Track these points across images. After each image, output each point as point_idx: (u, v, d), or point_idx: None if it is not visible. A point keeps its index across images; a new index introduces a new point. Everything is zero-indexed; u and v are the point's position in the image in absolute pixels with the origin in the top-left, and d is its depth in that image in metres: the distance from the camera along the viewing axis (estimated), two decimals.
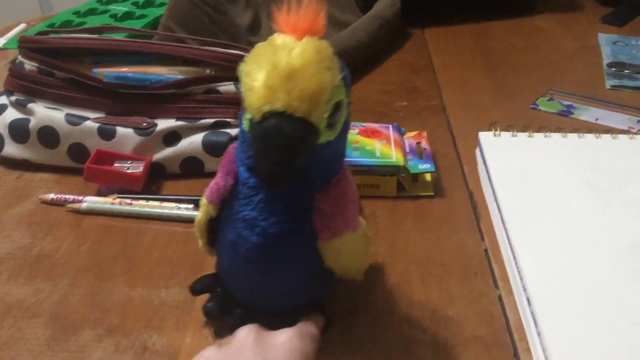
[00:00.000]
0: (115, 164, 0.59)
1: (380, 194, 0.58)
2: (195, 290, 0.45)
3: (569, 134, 0.63)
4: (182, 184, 0.61)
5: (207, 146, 0.60)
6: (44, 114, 0.60)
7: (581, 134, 0.63)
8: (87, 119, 0.60)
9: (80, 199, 0.57)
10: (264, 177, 0.34)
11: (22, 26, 0.97)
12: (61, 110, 0.61)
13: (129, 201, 0.57)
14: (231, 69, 0.57)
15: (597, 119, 0.71)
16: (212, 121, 0.61)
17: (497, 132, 0.63)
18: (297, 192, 0.37)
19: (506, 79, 0.82)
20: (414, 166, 0.59)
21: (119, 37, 0.71)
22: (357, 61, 0.82)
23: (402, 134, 0.63)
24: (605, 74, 0.83)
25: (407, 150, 0.61)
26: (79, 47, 0.62)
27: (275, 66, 0.32)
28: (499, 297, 0.47)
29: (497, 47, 0.92)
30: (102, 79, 0.61)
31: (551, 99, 0.76)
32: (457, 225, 0.55)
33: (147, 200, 0.57)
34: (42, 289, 0.48)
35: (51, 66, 0.61)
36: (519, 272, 0.47)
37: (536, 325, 0.42)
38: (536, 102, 0.75)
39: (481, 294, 0.48)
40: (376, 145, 0.59)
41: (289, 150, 0.33)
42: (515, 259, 0.48)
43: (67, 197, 0.58)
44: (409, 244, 0.53)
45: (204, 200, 0.41)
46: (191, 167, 0.61)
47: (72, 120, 0.60)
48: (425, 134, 0.65)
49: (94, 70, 0.62)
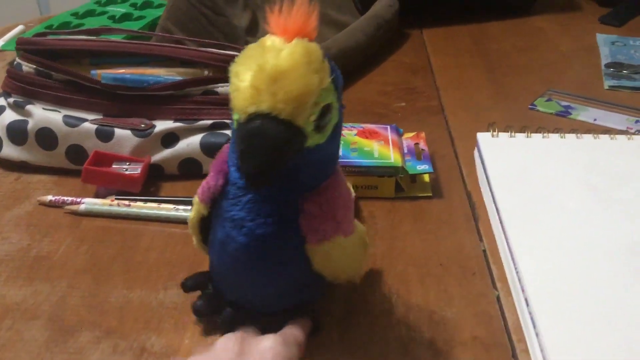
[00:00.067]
0: (113, 166, 0.59)
1: (378, 194, 0.58)
2: (186, 286, 0.45)
3: (567, 135, 0.63)
4: (180, 185, 0.61)
5: (205, 147, 0.60)
6: (42, 115, 0.60)
7: (579, 135, 0.63)
8: (85, 120, 0.60)
9: (78, 200, 0.57)
10: (247, 178, 0.35)
11: (20, 28, 0.97)
12: (59, 111, 0.61)
13: (127, 203, 0.57)
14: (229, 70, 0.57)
15: (595, 120, 0.72)
16: (210, 122, 0.60)
17: (495, 133, 0.63)
18: (286, 194, 0.37)
19: (504, 80, 0.82)
20: (412, 167, 0.59)
21: (117, 38, 0.70)
22: (355, 62, 0.83)
23: (400, 135, 0.63)
24: (603, 74, 0.83)
25: (406, 151, 0.61)
26: (77, 48, 0.62)
27: (262, 67, 0.32)
28: (497, 297, 0.47)
29: (495, 47, 0.92)
30: (100, 81, 0.61)
31: (549, 100, 0.76)
32: (455, 226, 0.55)
33: (145, 201, 0.57)
34: (40, 291, 0.48)
35: (49, 68, 0.61)
36: (517, 272, 0.47)
37: (534, 326, 0.42)
38: (534, 102, 0.75)
39: (479, 294, 0.48)
40: (374, 146, 0.59)
41: (273, 151, 0.33)
42: (513, 260, 0.48)
43: (65, 198, 0.58)
44: (407, 245, 0.53)
45: (196, 198, 0.41)
46: (189, 169, 0.61)
47: (70, 121, 0.60)
48: (423, 134, 0.65)
49: (92, 71, 0.62)
